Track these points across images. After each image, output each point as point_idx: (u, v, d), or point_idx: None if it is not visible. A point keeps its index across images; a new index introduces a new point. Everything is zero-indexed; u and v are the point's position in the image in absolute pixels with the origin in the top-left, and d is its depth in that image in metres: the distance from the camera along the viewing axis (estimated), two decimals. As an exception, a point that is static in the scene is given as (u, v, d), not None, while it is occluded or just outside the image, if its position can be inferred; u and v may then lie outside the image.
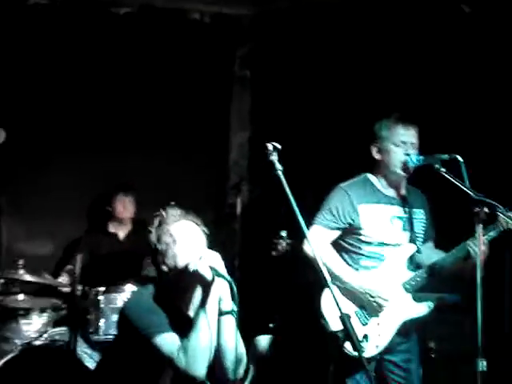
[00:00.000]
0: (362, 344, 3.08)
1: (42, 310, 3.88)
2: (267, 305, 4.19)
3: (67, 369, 3.35)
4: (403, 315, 3.17)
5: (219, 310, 2.42)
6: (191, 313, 2.47)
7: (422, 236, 3.30)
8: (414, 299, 3.21)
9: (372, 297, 3.11)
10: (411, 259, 3.23)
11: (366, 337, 3.11)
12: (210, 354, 2.39)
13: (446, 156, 2.98)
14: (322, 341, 3.18)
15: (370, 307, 3.14)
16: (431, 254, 3.28)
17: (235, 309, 2.42)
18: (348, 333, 2.23)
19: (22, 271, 3.75)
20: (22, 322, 3.81)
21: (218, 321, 2.43)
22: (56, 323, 3.90)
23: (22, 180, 4.65)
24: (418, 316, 3.21)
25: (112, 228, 4.60)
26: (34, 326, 3.82)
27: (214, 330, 2.41)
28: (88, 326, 3.69)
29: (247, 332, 3.91)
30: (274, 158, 2.45)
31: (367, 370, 2.51)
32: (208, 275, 2.36)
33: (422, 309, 3.21)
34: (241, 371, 2.50)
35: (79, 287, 3.70)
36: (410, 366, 3.24)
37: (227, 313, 2.42)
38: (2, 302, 3.83)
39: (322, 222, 3.22)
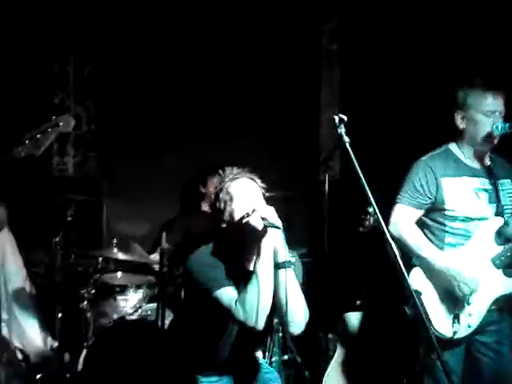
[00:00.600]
0: (454, 324, 2.99)
1: (138, 287, 4.06)
2: (355, 281, 4.14)
3: (156, 342, 3.49)
4: (494, 292, 3.04)
5: (275, 262, 2.50)
6: (249, 266, 2.56)
7: (510, 208, 3.11)
8: (505, 274, 3.05)
9: (456, 281, 2.98)
10: (499, 233, 3.06)
11: (456, 316, 3.00)
12: (268, 306, 2.47)
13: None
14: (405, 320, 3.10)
15: (454, 290, 3.01)
16: None
17: (292, 260, 2.52)
18: (417, 308, 2.17)
19: (115, 250, 3.95)
20: (119, 298, 4.00)
21: (275, 273, 2.49)
22: (151, 299, 4.06)
23: (118, 164, 4.86)
24: (510, 292, 3.05)
25: (205, 207, 4.71)
26: (130, 302, 4.00)
27: (271, 281, 2.47)
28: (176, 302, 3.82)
29: (335, 309, 3.95)
30: (341, 130, 2.44)
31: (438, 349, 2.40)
32: (259, 226, 2.45)
33: None
34: (302, 324, 2.55)
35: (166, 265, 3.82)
36: (501, 348, 3.10)
37: (283, 265, 2.49)
38: (101, 279, 4.05)
39: (407, 201, 3.11)
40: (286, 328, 2.56)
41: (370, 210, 3.97)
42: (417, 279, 3.06)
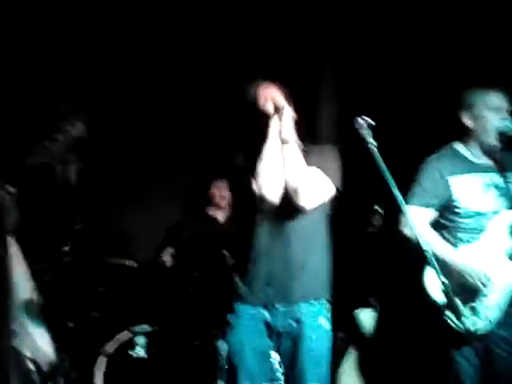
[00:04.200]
0: (472, 318, 3.05)
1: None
2: (366, 280, 4.19)
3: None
4: (511, 284, 3.10)
5: (281, 139, 2.74)
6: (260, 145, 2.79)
7: None
8: None
9: (472, 278, 3.05)
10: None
11: (473, 309, 3.06)
12: (278, 176, 2.73)
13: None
14: (427, 315, 3.14)
15: (471, 287, 3.07)
16: None
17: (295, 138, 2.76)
18: (449, 301, 2.22)
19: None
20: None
21: (282, 149, 2.74)
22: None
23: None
24: None
25: (211, 212, 4.73)
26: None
27: (278, 157, 2.73)
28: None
29: (347, 307, 4.00)
30: (366, 132, 2.49)
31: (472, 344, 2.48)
32: (268, 108, 2.75)
33: None
34: (308, 199, 2.73)
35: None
36: None
37: (288, 141, 2.74)
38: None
39: (417, 202, 3.16)
40: (295, 202, 2.73)
41: (378, 208, 4.08)
42: (432, 276, 3.10)
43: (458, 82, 3.31)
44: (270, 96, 2.85)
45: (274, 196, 2.76)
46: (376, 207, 4.14)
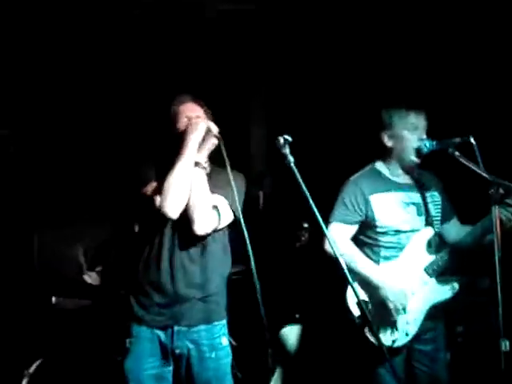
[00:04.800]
0: (392, 333, 3.13)
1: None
2: (292, 295, 4.23)
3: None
4: (430, 300, 3.20)
5: (194, 161, 2.80)
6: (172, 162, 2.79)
7: (439, 218, 3.30)
8: (438, 282, 3.22)
9: (390, 300, 3.12)
10: (430, 243, 3.23)
11: (394, 325, 3.13)
12: (181, 194, 2.75)
13: (458, 139, 2.98)
14: (348, 331, 3.19)
15: (389, 305, 3.13)
16: (458, 231, 3.28)
17: (206, 166, 2.86)
18: (365, 318, 2.28)
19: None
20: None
21: (192, 171, 2.79)
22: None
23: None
24: (444, 298, 3.22)
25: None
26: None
27: (186, 173, 2.76)
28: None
29: (274, 323, 4.02)
30: (286, 150, 2.55)
31: (388, 358, 2.55)
32: (200, 129, 2.80)
33: (447, 291, 3.22)
34: (204, 225, 2.79)
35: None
36: (437, 355, 3.26)
37: (199, 164, 2.81)
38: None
39: (339, 218, 3.23)
40: (191, 226, 2.78)
41: (306, 225, 4.14)
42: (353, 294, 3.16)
43: (380, 103, 3.38)
44: (191, 115, 2.91)
45: (173, 213, 2.76)
46: (304, 224, 4.19)
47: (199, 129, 2.80)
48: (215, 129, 2.83)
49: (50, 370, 3.79)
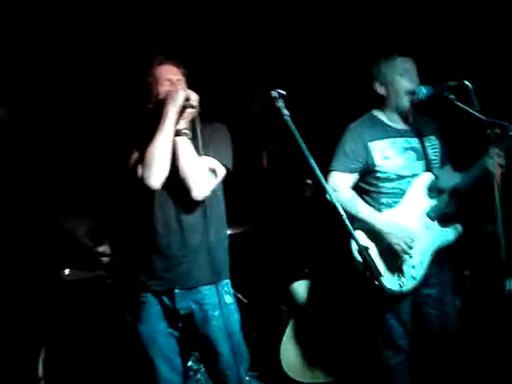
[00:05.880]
0: (399, 278, 3.18)
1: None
2: (300, 250, 4.28)
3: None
4: (433, 243, 3.23)
5: (176, 129, 2.79)
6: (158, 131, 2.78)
7: (438, 161, 3.32)
8: (441, 225, 3.26)
9: (398, 242, 3.15)
10: (430, 187, 3.26)
11: (400, 270, 3.18)
12: (163, 164, 2.75)
13: (453, 82, 2.98)
14: (355, 279, 3.25)
15: (396, 248, 3.17)
16: (451, 177, 3.30)
17: (188, 132, 2.82)
18: (367, 263, 2.32)
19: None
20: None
21: (174, 141, 2.78)
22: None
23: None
24: (448, 240, 3.26)
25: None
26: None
27: (167, 142, 2.76)
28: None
29: (283, 279, 4.08)
30: (280, 104, 2.55)
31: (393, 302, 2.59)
32: (179, 100, 2.75)
33: (451, 232, 3.26)
34: (201, 189, 2.80)
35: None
36: (445, 298, 3.30)
37: (179, 133, 2.79)
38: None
39: (340, 167, 3.26)
40: (190, 194, 2.79)
41: (309, 181, 4.16)
42: (360, 239, 3.20)
43: (373, 55, 3.38)
44: (172, 77, 2.90)
45: (155, 184, 2.77)
46: (308, 180, 4.21)
47: (178, 99, 2.77)
48: (194, 97, 2.80)
49: (65, 341, 3.89)
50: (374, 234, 3.21)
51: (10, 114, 2.91)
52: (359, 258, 3.09)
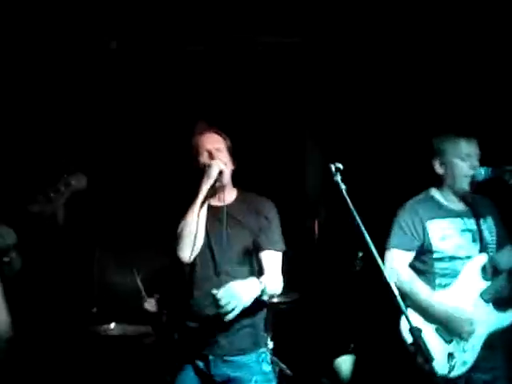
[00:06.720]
0: (450, 363, 3.07)
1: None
2: (347, 324, 4.22)
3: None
4: (487, 327, 3.14)
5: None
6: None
7: (495, 244, 3.26)
8: (496, 309, 3.17)
9: (457, 324, 3.08)
10: (485, 268, 3.19)
11: (451, 355, 3.08)
12: (194, 240, 2.81)
13: (512, 166, 2.98)
14: (402, 361, 3.17)
15: (456, 333, 3.09)
16: (510, 258, 3.21)
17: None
18: (419, 346, 2.26)
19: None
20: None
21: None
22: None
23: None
24: (503, 325, 3.16)
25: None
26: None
27: (195, 216, 2.82)
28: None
29: (328, 352, 4.02)
30: (338, 178, 2.56)
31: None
32: (213, 175, 2.84)
33: (507, 317, 3.18)
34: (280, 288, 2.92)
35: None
36: (498, 383, 3.17)
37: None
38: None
39: (397, 244, 3.22)
40: None
41: (360, 254, 4.13)
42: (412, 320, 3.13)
43: (432, 131, 3.39)
44: (211, 148, 2.97)
45: (186, 258, 2.83)
46: (359, 253, 4.18)
47: (212, 173, 2.85)
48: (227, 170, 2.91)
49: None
50: (428, 314, 3.13)
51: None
52: (409, 339, 3.05)
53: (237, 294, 2.67)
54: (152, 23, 4.57)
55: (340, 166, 2.56)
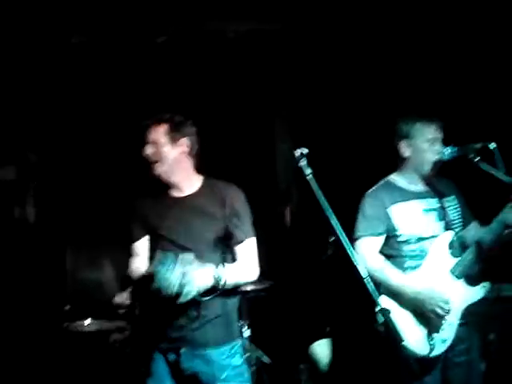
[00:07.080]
0: (430, 342, 3.09)
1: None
2: (322, 309, 4.23)
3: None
4: (461, 302, 3.16)
5: None
6: None
7: (460, 221, 3.29)
8: (467, 284, 3.20)
9: (431, 303, 3.08)
10: (452, 245, 3.21)
11: (430, 335, 3.10)
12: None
13: (478, 145, 2.99)
14: (379, 343, 3.17)
15: (428, 311, 3.10)
16: (477, 233, 3.24)
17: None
18: (388, 325, 2.27)
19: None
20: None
21: None
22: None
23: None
24: (476, 299, 3.19)
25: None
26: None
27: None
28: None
29: (305, 338, 4.03)
30: (303, 163, 2.55)
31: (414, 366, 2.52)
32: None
33: (479, 290, 3.20)
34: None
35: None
36: (472, 365, 3.22)
37: None
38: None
39: (363, 232, 3.23)
40: None
41: (332, 239, 4.13)
42: (385, 304, 3.14)
43: (396, 114, 3.39)
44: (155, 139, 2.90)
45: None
46: (330, 238, 4.19)
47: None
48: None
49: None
50: (402, 298, 3.14)
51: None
52: (380, 320, 3.07)
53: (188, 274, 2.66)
54: (118, 14, 4.52)
55: (305, 150, 2.55)
